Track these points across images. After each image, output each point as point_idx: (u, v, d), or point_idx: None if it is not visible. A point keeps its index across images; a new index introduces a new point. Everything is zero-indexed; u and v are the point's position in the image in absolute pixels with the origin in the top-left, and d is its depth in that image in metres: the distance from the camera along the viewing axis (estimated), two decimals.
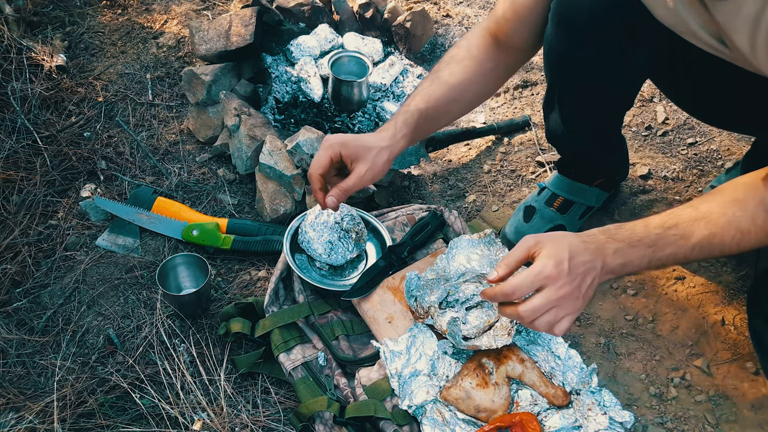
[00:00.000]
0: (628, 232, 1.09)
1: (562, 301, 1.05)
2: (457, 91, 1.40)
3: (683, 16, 1.05)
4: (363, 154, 1.31)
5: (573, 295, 1.06)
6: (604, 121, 1.56)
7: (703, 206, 1.08)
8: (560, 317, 1.07)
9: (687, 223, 1.07)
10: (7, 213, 1.80)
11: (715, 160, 1.91)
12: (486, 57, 1.40)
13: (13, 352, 1.53)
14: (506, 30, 1.38)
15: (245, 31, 1.99)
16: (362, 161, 1.31)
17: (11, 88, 2.05)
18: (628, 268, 1.09)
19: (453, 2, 2.49)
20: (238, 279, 1.70)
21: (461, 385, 1.31)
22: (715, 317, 1.56)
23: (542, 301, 1.05)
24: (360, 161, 1.31)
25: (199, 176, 1.94)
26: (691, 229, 1.07)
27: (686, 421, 1.40)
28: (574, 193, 1.68)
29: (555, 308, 1.06)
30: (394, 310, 1.46)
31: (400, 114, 1.37)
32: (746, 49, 0.96)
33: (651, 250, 1.08)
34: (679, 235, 1.07)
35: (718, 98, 1.36)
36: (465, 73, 1.39)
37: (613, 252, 1.08)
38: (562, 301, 1.05)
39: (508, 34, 1.38)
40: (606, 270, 1.08)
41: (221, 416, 1.35)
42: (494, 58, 1.41)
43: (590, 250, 1.07)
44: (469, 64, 1.40)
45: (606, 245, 1.08)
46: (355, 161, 1.32)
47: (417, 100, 1.38)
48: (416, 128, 1.36)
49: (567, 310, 1.06)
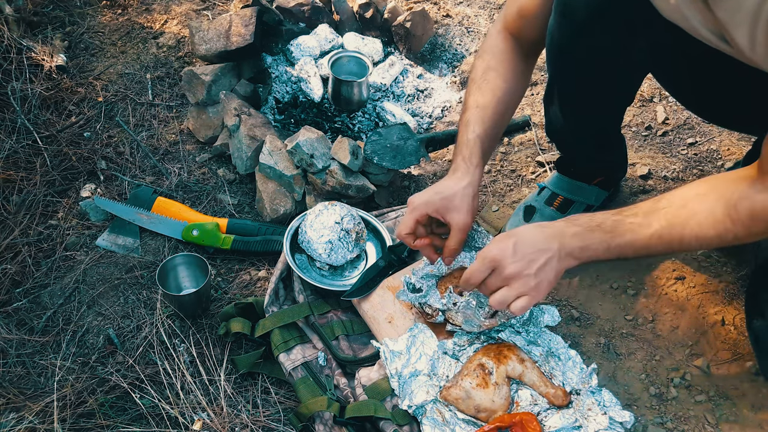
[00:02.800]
0: (587, 217, 1.16)
1: (510, 280, 1.14)
2: (503, 103, 1.41)
3: (684, 11, 1.05)
4: (452, 205, 1.32)
5: (522, 273, 1.13)
6: (605, 116, 1.56)
7: (665, 198, 1.12)
8: (511, 295, 1.15)
9: (646, 212, 1.12)
10: (7, 213, 1.80)
11: (715, 160, 1.91)
12: (516, 58, 1.42)
13: (13, 352, 1.53)
14: (519, 26, 1.41)
15: (245, 31, 1.99)
16: (456, 211, 1.32)
17: (11, 88, 2.05)
18: (588, 252, 1.14)
19: (453, 2, 2.49)
20: (238, 279, 1.70)
21: (461, 385, 1.31)
22: (715, 317, 1.56)
23: (493, 280, 1.17)
24: (453, 212, 1.32)
25: (199, 176, 1.94)
26: (650, 219, 1.11)
27: (686, 421, 1.40)
28: (574, 191, 1.68)
29: (505, 287, 1.15)
30: (394, 310, 1.46)
31: (462, 148, 1.37)
32: (746, 45, 0.96)
33: (609, 236, 1.12)
34: (637, 223, 1.11)
35: (719, 94, 1.36)
36: (505, 82, 1.40)
37: (571, 235, 1.14)
38: (510, 280, 1.14)
39: (522, 31, 1.41)
40: (564, 252, 1.14)
41: (221, 416, 1.35)
42: (521, 56, 1.43)
43: (545, 233, 1.15)
44: (505, 71, 1.41)
45: (565, 229, 1.15)
46: (448, 214, 1.32)
47: (472, 126, 1.37)
48: (482, 154, 1.37)
49: (518, 288, 1.14)
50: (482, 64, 1.43)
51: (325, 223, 1.55)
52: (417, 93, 2.19)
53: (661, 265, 1.66)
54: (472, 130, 1.36)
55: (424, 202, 1.33)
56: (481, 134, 1.36)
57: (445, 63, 2.28)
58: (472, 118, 1.38)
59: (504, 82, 1.40)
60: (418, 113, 2.13)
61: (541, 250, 1.13)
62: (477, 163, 1.35)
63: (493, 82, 1.40)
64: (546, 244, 1.14)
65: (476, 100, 1.39)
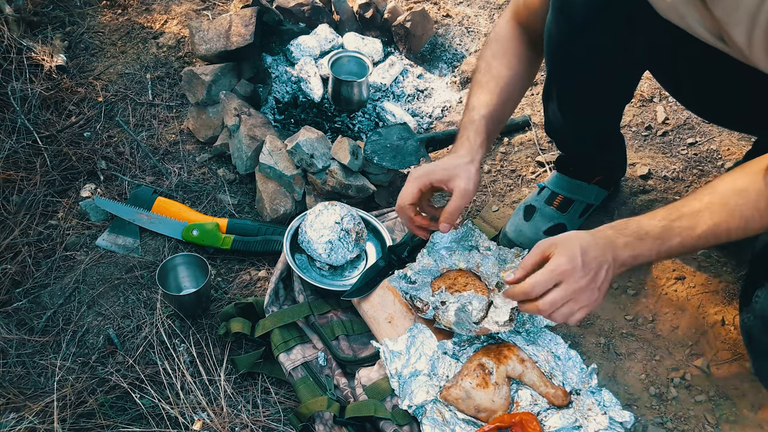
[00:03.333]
0: (635, 225, 1.15)
1: (578, 294, 1.12)
2: (509, 89, 1.42)
3: (681, 10, 1.05)
4: (455, 173, 1.32)
5: (589, 287, 1.12)
6: (603, 113, 1.56)
7: (706, 198, 1.12)
8: (576, 309, 1.13)
9: (691, 214, 1.12)
10: (7, 213, 1.80)
11: (715, 160, 1.91)
12: (523, 46, 1.43)
13: (13, 352, 1.53)
14: (525, 17, 1.42)
15: (245, 31, 1.99)
16: (458, 178, 1.31)
17: (11, 88, 2.05)
18: (639, 259, 1.14)
19: (453, 2, 2.49)
20: (238, 279, 1.70)
21: (461, 385, 1.31)
22: (715, 317, 1.56)
23: (560, 294, 1.12)
24: (456, 179, 1.31)
25: (199, 176, 1.94)
26: (696, 220, 1.11)
27: (686, 421, 1.40)
28: (574, 190, 1.68)
29: (571, 301, 1.12)
30: (394, 310, 1.46)
31: (467, 127, 1.38)
32: (744, 44, 0.96)
33: (659, 242, 1.13)
34: (685, 226, 1.12)
35: (717, 93, 1.36)
36: (510, 69, 1.42)
37: (623, 245, 1.13)
38: (578, 293, 1.12)
39: (528, 21, 1.42)
40: (618, 263, 1.14)
41: (221, 416, 1.35)
42: (529, 45, 1.44)
43: (600, 245, 1.13)
44: (510, 59, 1.42)
45: (616, 239, 1.14)
46: (450, 181, 1.32)
47: (478, 108, 1.38)
48: (487, 134, 1.38)
49: (583, 302, 1.13)
50: (489, 51, 1.45)
51: (325, 223, 1.55)
52: (417, 93, 2.19)
53: (661, 265, 1.66)
54: (477, 111, 1.38)
55: (426, 171, 1.33)
56: (486, 116, 1.37)
57: (445, 63, 2.28)
58: (477, 102, 1.39)
59: (509, 69, 1.41)
60: (418, 113, 2.13)
61: (602, 263, 1.12)
62: (480, 143, 1.35)
63: (498, 69, 1.41)
64: (604, 256, 1.13)
65: (481, 86, 1.41)
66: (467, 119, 1.39)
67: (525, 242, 1.60)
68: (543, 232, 1.63)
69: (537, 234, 1.63)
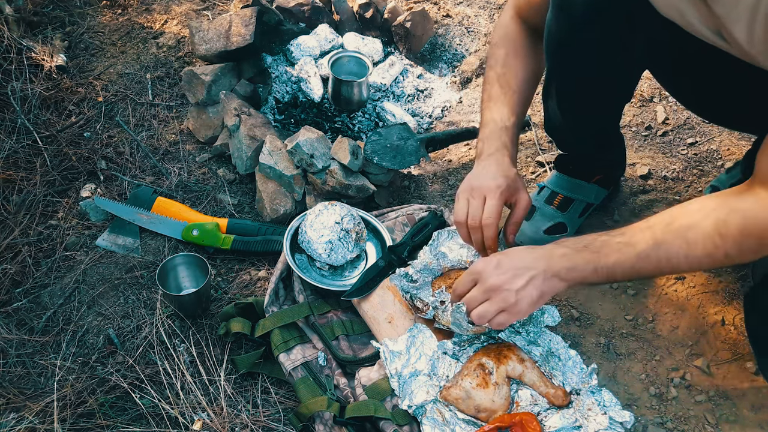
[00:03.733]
0: (576, 239, 1.17)
1: (491, 293, 1.16)
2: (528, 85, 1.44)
3: (681, 7, 1.05)
4: (516, 185, 1.36)
5: (502, 287, 1.15)
6: (603, 112, 1.56)
7: (655, 217, 1.11)
8: (494, 310, 1.16)
9: (633, 231, 1.11)
10: (7, 213, 1.80)
11: (715, 160, 1.91)
12: (530, 44, 1.44)
13: (13, 352, 1.53)
14: (527, 14, 1.43)
15: (245, 31, 1.99)
16: (520, 191, 1.37)
17: (11, 88, 2.05)
18: (575, 273, 1.13)
19: (453, 2, 2.49)
20: (238, 279, 1.70)
21: (461, 385, 1.31)
22: (715, 317, 1.56)
23: (475, 292, 1.19)
24: (519, 192, 1.37)
25: (199, 176, 1.94)
26: (636, 238, 1.09)
27: (686, 421, 1.40)
28: (573, 189, 1.68)
29: (488, 300, 1.17)
30: (394, 310, 1.46)
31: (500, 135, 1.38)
32: (744, 40, 0.96)
33: (596, 256, 1.12)
34: (624, 242, 1.10)
35: (717, 92, 1.36)
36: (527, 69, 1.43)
37: (559, 256, 1.14)
38: (491, 293, 1.16)
39: (529, 18, 1.43)
40: (551, 272, 1.14)
41: (221, 416, 1.35)
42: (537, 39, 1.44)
43: (533, 254, 1.16)
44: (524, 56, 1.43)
45: (553, 250, 1.16)
46: (514, 194, 1.37)
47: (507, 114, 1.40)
48: (517, 140, 1.42)
49: (499, 303, 1.16)
50: (501, 52, 1.45)
51: (325, 223, 1.55)
52: (417, 93, 2.19)
53: None
54: (508, 117, 1.39)
55: (505, 186, 1.34)
56: (515, 122, 1.40)
57: (445, 63, 2.28)
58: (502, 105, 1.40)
59: (525, 69, 1.43)
60: (418, 113, 2.13)
61: (525, 267, 1.14)
62: (515, 153, 1.40)
63: (515, 69, 1.42)
64: (532, 263, 1.15)
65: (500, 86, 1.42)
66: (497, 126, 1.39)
67: (525, 241, 1.60)
68: (543, 231, 1.64)
69: (537, 233, 1.63)
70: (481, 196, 1.33)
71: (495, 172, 1.35)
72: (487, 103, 1.42)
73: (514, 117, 1.39)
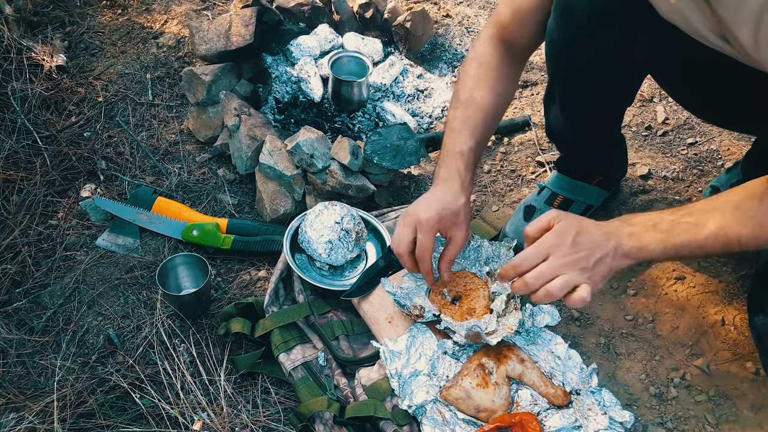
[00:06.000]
0: (644, 218, 1.14)
1: (566, 269, 1.10)
2: (493, 112, 1.41)
3: (685, 12, 1.05)
4: (456, 221, 1.33)
5: (578, 264, 1.10)
6: (604, 116, 1.56)
7: (720, 198, 1.11)
8: (572, 283, 1.10)
9: (702, 212, 1.10)
10: (7, 213, 1.80)
11: (715, 160, 1.91)
12: (504, 64, 1.41)
13: (13, 352, 1.53)
14: (512, 31, 1.39)
15: (245, 31, 1.99)
16: (458, 227, 1.34)
17: (11, 88, 2.05)
18: (644, 252, 1.11)
19: (453, 2, 2.49)
20: (238, 279, 1.70)
21: (461, 385, 1.31)
22: (715, 317, 1.56)
23: (545, 266, 1.11)
24: (456, 227, 1.34)
25: (199, 176, 1.94)
26: (705, 218, 1.09)
27: (686, 421, 1.40)
28: (574, 191, 1.68)
29: (563, 275, 1.10)
30: (394, 310, 1.46)
31: (456, 159, 1.36)
32: (749, 44, 0.96)
33: (665, 236, 1.10)
34: (693, 222, 1.10)
35: (720, 96, 1.35)
36: (494, 90, 1.40)
37: (627, 235, 1.11)
38: (566, 269, 1.10)
39: (514, 36, 1.39)
40: (620, 252, 1.11)
41: (221, 416, 1.35)
42: (510, 62, 1.42)
43: (602, 231, 1.12)
44: (493, 81, 1.40)
45: (621, 228, 1.12)
46: (450, 230, 1.34)
47: (464, 138, 1.37)
48: (474, 165, 1.39)
49: (576, 278, 1.10)
50: (472, 72, 1.42)
51: (325, 223, 1.55)
52: (417, 93, 2.19)
53: (661, 264, 1.66)
54: (465, 142, 1.36)
55: (439, 218, 1.32)
56: (474, 147, 1.37)
57: (445, 63, 2.28)
58: (463, 128, 1.37)
59: (493, 91, 1.39)
60: (418, 113, 2.13)
61: (599, 245, 1.11)
62: (470, 179, 1.36)
63: (482, 93, 1.39)
64: (604, 240, 1.11)
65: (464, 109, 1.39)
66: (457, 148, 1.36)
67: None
68: None
69: None
70: (412, 225, 1.33)
71: (436, 202, 1.32)
72: (450, 124, 1.40)
73: (473, 142, 1.36)
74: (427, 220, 1.31)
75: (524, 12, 1.36)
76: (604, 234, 1.12)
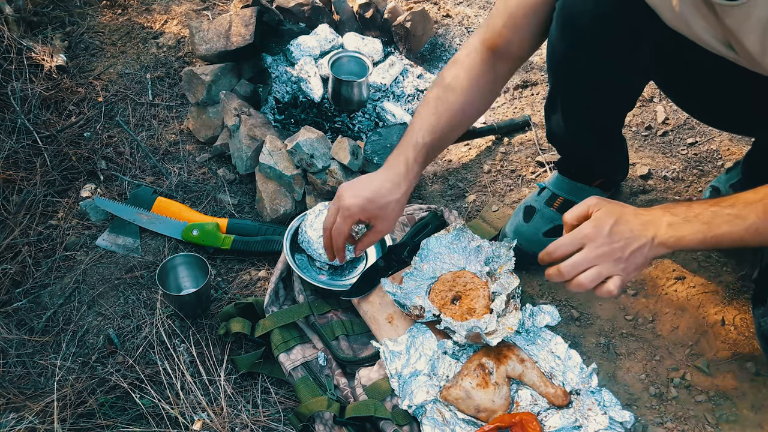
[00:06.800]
0: (684, 207, 1.12)
1: (601, 260, 1.09)
2: (459, 115, 1.41)
3: (689, 19, 1.05)
4: (384, 213, 1.37)
5: (613, 255, 1.09)
6: (606, 122, 1.56)
7: (762, 191, 1.09)
8: (604, 275, 1.10)
9: (744, 204, 1.09)
10: (7, 213, 1.80)
11: (715, 160, 1.91)
12: (482, 72, 1.40)
13: (13, 352, 1.53)
14: (505, 38, 1.37)
15: (245, 31, 2.00)
16: (385, 219, 1.38)
17: (11, 88, 2.05)
18: (683, 243, 1.10)
19: (453, 2, 2.49)
20: (238, 279, 1.70)
21: (461, 385, 1.31)
22: (715, 317, 1.56)
23: (580, 257, 1.10)
24: (382, 220, 1.38)
25: (199, 176, 1.94)
26: (747, 210, 1.08)
27: (686, 421, 1.40)
28: (574, 193, 1.68)
29: (597, 266, 1.09)
30: (394, 310, 1.46)
31: (408, 149, 1.37)
32: (757, 51, 0.96)
33: (706, 227, 1.09)
34: (734, 214, 1.08)
35: (722, 100, 1.35)
36: (465, 95, 1.40)
37: (667, 224, 1.10)
38: (600, 260, 1.09)
39: (506, 44, 1.38)
40: (658, 242, 1.10)
41: (221, 416, 1.35)
42: (491, 71, 1.41)
43: (641, 220, 1.11)
44: (468, 84, 1.40)
45: (660, 218, 1.11)
46: (376, 220, 1.38)
47: (423, 132, 1.38)
48: (425, 161, 1.40)
49: (610, 269, 1.09)
50: (451, 73, 1.42)
51: None
52: (417, 93, 2.19)
53: (661, 265, 1.66)
54: (423, 136, 1.37)
55: (361, 208, 1.34)
56: (429, 143, 1.37)
57: (445, 63, 2.28)
58: (426, 123, 1.38)
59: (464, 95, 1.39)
60: None
61: (636, 235, 1.10)
62: (416, 171, 1.37)
63: (454, 96, 1.39)
64: (641, 230, 1.10)
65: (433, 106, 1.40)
66: (410, 139, 1.37)
67: (524, 244, 1.60)
68: (542, 233, 1.63)
69: (536, 235, 1.63)
70: (336, 206, 1.36)
71: (368, 190, 1.35)
72: (416, 115, 1.41)
73: (431, 138, 1.37)
74: (348, 208, 1.35)
75: (519, 18, 1.35)
76: (643, 223, 1.11)
